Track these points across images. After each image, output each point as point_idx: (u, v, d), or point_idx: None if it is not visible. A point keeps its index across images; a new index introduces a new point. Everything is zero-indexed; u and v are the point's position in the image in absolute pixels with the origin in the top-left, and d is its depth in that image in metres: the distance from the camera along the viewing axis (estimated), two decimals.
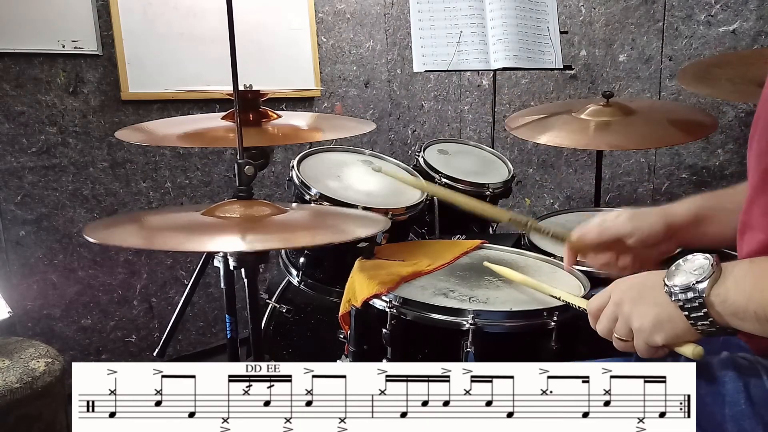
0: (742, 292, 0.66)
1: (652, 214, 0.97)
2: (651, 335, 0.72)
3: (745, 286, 0.67)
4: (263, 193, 2.64)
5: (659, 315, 0.72)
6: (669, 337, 0.72)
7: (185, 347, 2.52)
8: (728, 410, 0.71)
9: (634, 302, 0.75)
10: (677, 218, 0.95)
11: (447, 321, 1.04)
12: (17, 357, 1.50)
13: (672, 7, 2.09)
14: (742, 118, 1.99)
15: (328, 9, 2.80)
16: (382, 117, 3.12)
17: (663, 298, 0.71)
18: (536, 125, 1.79)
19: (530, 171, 2.62)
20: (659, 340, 0.72)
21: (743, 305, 0.66)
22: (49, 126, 2.09)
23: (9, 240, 2.05)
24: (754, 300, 0.66)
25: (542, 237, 1.05)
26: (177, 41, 2.31)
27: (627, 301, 0.76)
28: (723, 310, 0.67)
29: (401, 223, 1.51)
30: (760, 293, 0.65)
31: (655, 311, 0.72)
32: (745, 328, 0.67)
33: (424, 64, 2.04)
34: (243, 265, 1.18)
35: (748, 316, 0.66)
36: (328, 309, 1.41)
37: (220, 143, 1.82)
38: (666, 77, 2.15)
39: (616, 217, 0.98)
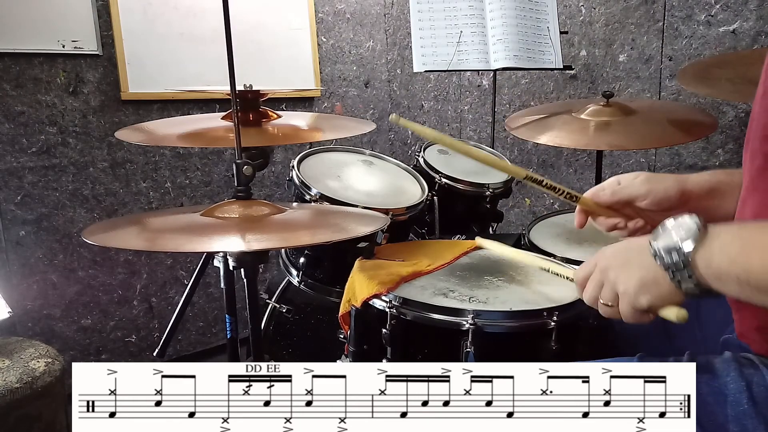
0: (727, 256, 0.66)
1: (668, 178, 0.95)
2: (636, 297, 0.73)
3: (730, 250, 0.66)
4: (263, 193, 2.64)
5: (644, 277, 0.72)
6: (654, 298, 0.72)
7: (185, 347, 2.52)
8: (730, 410, 0.71)
9: (619, 267, 0.75)
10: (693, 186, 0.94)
11: (447, 321, 1.04)
12: (17, 357, 1.50)
13: (672, 7, 2.09)
14: (742, 118, 1.99)
15: (328, 9, 2.80)
16: (382, 117, 3.12)
17: (648, 260, 0.71)
18: (536, 125, 1.79)
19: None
20: (644, 302, 0.72)
21: (726, 269, 0.66)
22: (49, 126, 2.09)
23: (9, 240, 2.05)
24: (738, 263, 0.65)
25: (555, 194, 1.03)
26: (177, 41, 2.31)
27: (613, 266, 0.76)
28: (706, 273, 0.67)
29: (401, 223, 1.51)
30: (745, 258, 0.65)
31: (641, 273, 0.72)
32: (727, 291, 0.67)
33: (424, 64, 2.04)
34: (243, 265, 1.18)
35: (730, 279, 0.66)
36: (328, 309, 1.41)
37: (220, 143, 1.82)
38: (666, 77, 2.15)
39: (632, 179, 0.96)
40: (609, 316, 0.77)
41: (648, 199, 0.94)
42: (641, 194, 0.95)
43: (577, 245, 1.48)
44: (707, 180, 0.94)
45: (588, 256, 1.39)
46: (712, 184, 0.94)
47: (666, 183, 0.94)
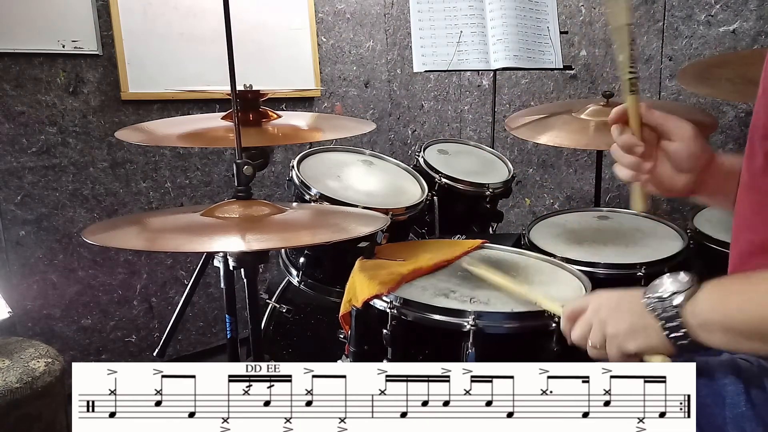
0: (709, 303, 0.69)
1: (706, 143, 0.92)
2: (624, 342, 0.74)
3: (712, 298, 0.69)
4: (263, 193, 2.64)
5: (635, 323, 0.73)
6: (642, 345, 0.73)
7: (185, 347, 2.52)
8: (729, 413, 0.71)
9: (611, 310, 0.77)
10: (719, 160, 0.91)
11: (448, 322, 1.04)
12: (17, 357, 1.50)
13: (672, 7, 2.09)
14: (742, 118, 1.99)
15: (328, 9, 2.80)
16: (382, 117, 3.12)
17: (639, 307, 0.73)
18: (536, 125, 1.79)
19: (530, 171, 2.62)
20: (632, 347, 0.73)
21: (709, 316, 0.68)
22: (49, 126, 2.09)
23: (9, 240, 2.05)
24: (718, 311, 0.68)
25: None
26: (177, 41, 2.31)
27: (604, 308, 0.77)
28: (693, 321, 0.69)
29: (401, 223, 1.51)
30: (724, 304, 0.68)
31: (631, 319, 0.74)
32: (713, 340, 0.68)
33: (424, 64, 2.04)
34: (243, 265, 1.18)
35: (714, 327, 0.68)
36: (328, 309, 1.41)
37: (220, 143, 1.82)
38: (666, 77, 2.15)
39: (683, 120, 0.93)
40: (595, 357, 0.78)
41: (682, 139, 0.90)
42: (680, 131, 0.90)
43: (577, 245, 1.48)
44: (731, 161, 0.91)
45: (588, 256, 1.40)
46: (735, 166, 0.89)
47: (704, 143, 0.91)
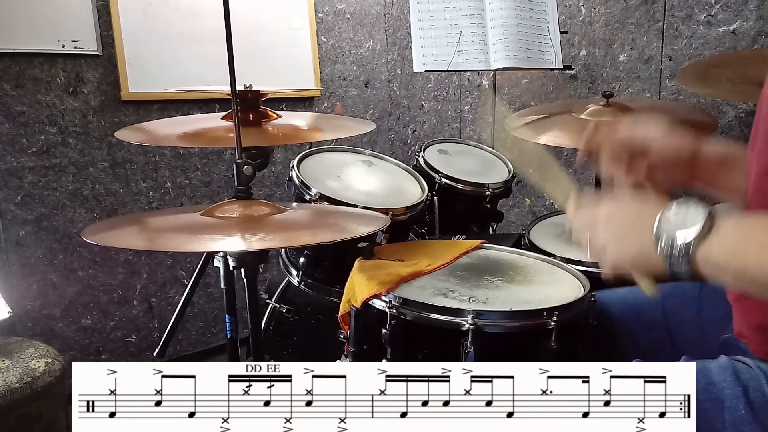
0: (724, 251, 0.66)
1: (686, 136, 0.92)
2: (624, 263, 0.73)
3: (728, 245, 0.66)
4: (263, 193, 2.64)
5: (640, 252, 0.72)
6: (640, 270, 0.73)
7: (185, 347, 2.52)
8: (728, 416, 0.71)
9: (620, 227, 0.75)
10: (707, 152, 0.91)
11: (447, 321, 1.04)
12: (17, 357, 1.50)
13: (672, 7, 2.09)
14: (742, 118, 1.99)
15: (328, 9, 2.80)
16: (382, 117, 3.12)
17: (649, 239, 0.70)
18: (536, 125, 1.79)
19: (530, 171, 2.61)
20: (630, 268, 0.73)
21: (724, 263, 0.66)
22: (49, 126, 2.09)
23: (9, 240, 2.05)
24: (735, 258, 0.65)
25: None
26: (177, 41, 2.31)
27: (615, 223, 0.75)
28: (704, 267, 0.67)
29: (401, 223, 1.51)
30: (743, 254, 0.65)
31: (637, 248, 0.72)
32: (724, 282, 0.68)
33: (424, 64, 2.04)
34: (243, 265, 1.17)
35: (728, 273, 0.66)
36: (328, 309, 1.41)
37: (220, 143, 1.82)
38: (666, 77, 2.15)
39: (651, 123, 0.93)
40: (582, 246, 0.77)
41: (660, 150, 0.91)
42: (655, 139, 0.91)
43: (577, 245, 1.48)
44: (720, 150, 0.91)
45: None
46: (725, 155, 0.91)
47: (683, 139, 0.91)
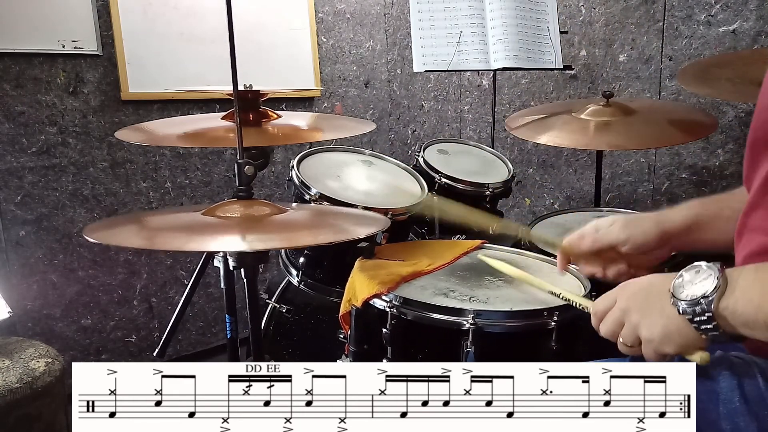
0: (750, 302, 0.66)
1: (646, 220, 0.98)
2: (661, 346, 0.73)
3: (752, 296, 0.66)
4: (263, 193, 2.64)
5: (668, 327, 0.72)
6: (679, 347, 0.72)
7: (185, 347, 2.52)
8: (723, 408, 0.72)
9: (641, 311, 0.75)
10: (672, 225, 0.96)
11: (447, 321, 1.04)
12: (17, 357, 1.50)
13: (672, 7, 2.09)
14: (742, 118, 1.99)
15: (328, 9, 2.80)
16: (382, 117, 3.12)
17: (670, 309, 0.71)
18: (536, 125, 1.79)
19: (530, 171, 2.62)
20: (669, 350, 0.73)
21: (753, 316, 0.66)
22: (49, 126, 2.09)
23: (9, 240, 2.05)
24: (764, 309, 0.65)
25: (536, 242, 1.08)
26: (177, 41, 2.31)
27: (634, 309, 0.76)
28: (733, 321, 0.67)
29: (401, 223, 1.51)
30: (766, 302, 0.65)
31: (664, 323, 0.72)
32: (757, 336, 0.67)
33: (424, 64, 2.04)
34: (243, 265, 1.18)
35: (758, 325, 0.66)
36: (328, 309, 1.41)
37: (220, 143, 1.82)
38: (666, 77, 2.15)
39: (609, 225, 0.99)
40: (629, 354, 0.77)
41: (629, 244, 0.97)
42: (621, 240, 0.98)
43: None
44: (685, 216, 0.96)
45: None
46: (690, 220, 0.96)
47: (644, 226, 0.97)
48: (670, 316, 0.71)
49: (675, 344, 0.72)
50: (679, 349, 0.72)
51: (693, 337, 0.70)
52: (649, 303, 0.74)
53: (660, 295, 0.73)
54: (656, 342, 0.73)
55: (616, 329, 0.78)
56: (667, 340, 0.72)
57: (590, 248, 1.01)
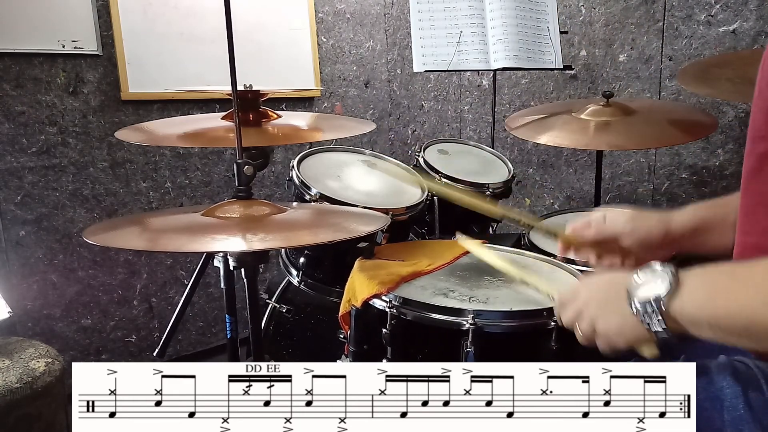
0: (695, 304, 0.69)
1: (652, 218, 0.98)
2: (614, 339, 0.77)
3: (697, 297, 0.69)
4: (263, 193, 2.64)
5: (622, 325, 0.75)
6: (630, 342, 0.76)
7: (185, 347, 2.52)
8: (727, 415, 0.71)
9: (599, 306, 0.79)
10: (677, 226, 0.97)
11: (447, 321, 1.04)
12: (17, 357, 1.50)
13: (672, 7, 2.09)
14: (742, 118, 1.99)
15: (328, 9, 2.80)
16: (382, 117, 3.12)
17: (626, 308, 0.74)
18: (536, 125, 1.79)
19: (530, 171, 2.62)
20: (621, 344, 0.76)
21: (697, 317, 0.69)
22: (49, 126, 2.09)
23: (9, 240, 2.05)
24: (705, 310, 0.68)
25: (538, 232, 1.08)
26: (177, 41, 2.31)
27: (593, 303, 0.80)
28: (682, 320, 0.70)
29: (401, 223, 1.51)
30: (711, 304, 0.68)
31: (618, 320, 0.76)
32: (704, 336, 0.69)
33: (424, 64, 2.04)
34: (243, 265, 1.18)
35: (703, 325, 0.68)
36: (328, 309, 1.41)
37: (220, 143, 1.82)
38: (666, 77, 2.15)
39: (616, 216, 1.00)
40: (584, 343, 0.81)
41: (632, 237, 0.98)
42: (625, 233, 0.99)
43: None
44: (690, 219, 0.97)
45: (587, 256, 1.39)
46: (696, 223, 0.97)
47: (650, 223, 0.98)
48: (624, 314, 0.74)
49: (627, 340, 0.76)
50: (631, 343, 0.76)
51: (644, 335, 0.73)
52: (608, 299, 0.78)
53: (618, 293, 0.76)
54: (610, 336, 0.77)
55: (575, 319, 0.82)
56: (620, 336, 0.76)
57: (593, 237, 1.02)
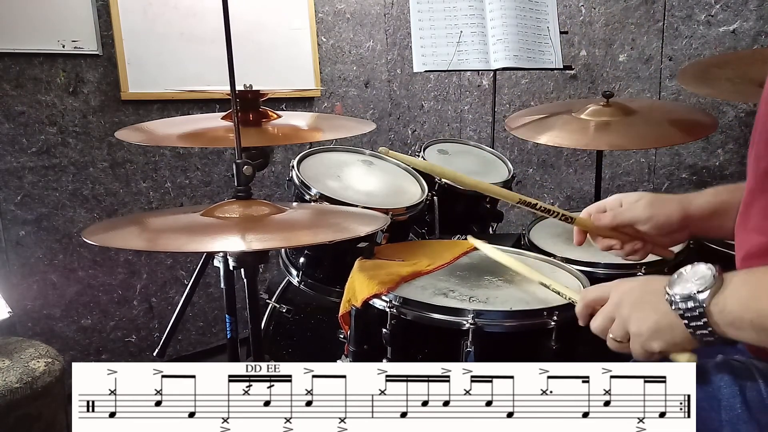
0: (739, 302, 0.66)
1: (671, 201, 0.96)
2: (648, 341, 0.72)
3: (741, 295, 0.67)
4: (263, 193, 2.64)
5: (659, 322, 0.71)
6: (667, 344, 0.72)
7: (185, 347, 2.52)
8: (724, 414, 0.71)
9: (633, 306, 0.74)
10: (695, 210, 0.95)
11: (447, 321, 1.04)
12: (17, 357, 1.50)
13: (672, 7, 2.09)
14: (742, 118, 1.99)
15: (328, 9, 2.80)
16: (382, 117, 3.12)
17: (663, 305, 0.71)
18: (536, 125, 1.79)
19: (530, 171, 2.62)
20: (656, 346, 0.72)
21: (740, 314, 0.66)
22: (49, 126, 2.09)
23: (9, 240, 2.05)
24: (751, 309, 0.65)
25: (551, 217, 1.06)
26: (177, 41, 2.31)
27: (626, 304, 0.75)
28: (721, 320, 0.67)
29: (401, 223, 1.51)
30: (756, 302, 0.65)
31: (655, 318, 0.72)
32: (742, 337, 0.67)
33: (424, 64, 2.04)
34: (243, 265, 1.18)
35: (744, 325, 0.66)
36: (328, 309, 1.41)
37: (220, 143, 1.82)
38: (666, 77, 2.15)
39: (635, 201, 0.98)
40: (616, 350, 0.77)
41: (650, 223, 0.96)
42: (643, 218, 0.96)
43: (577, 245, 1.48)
44: (710, 202, 0.95)
45: (587, 256, 1.40)
46: (715, 206, 0.94)
47: (669, 208, 0.96)
48: (662, 311, 0.71)
49: (663, 341, 0.71)
50: (667, 347, 0.72)
51: (682, 336, 0.70)
52: (643, 298, 0.74)
53: (654, 293, 0.73)
54: (644, 337, 0.72)
55: (606, 324, 0.78)
56: (656, 336, 0.72)
57: (610, 223, 0.99)
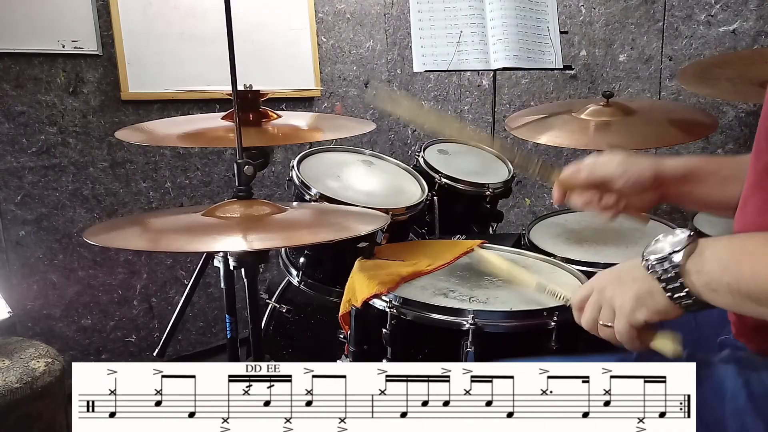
0: (719, 263, 0.67)
1: (644, 161, 0.99)
2: (633, 313, 0.73)
3: (722, 257, 0.67)
4: (263, 193, 2.64)
5: (639, 290, 0.72)
6: (650, 312, 0.72)
7: (185, 347, 2.52)
8: (729, 406, 0.71)
9: (614, 283, 0.76)
10: (668, 170, 0.98)
11: (447, 321, 1.04)
12: (17, 357, 1.50)
13: (672, 7, 2.09)
14: (742, 118, 1.99)
15: (328, 9, 2.80)
16: (382, 117, 3.11)
17: (641, 272, 0.72)
18: (536, 125, 1.79)
19: None
20: (641, 316, 0.72)
21: (718, 276, 0.66)
22: (49, 126, 2.09)
23: (9, 240, 2.05)
24: (730, 270, 0.66)
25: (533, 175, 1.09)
26: (177, 41, 2.31)
27: (608, 285, 0.77)
28: (698, 281, 0.68)
29: (401, 223, 1.51)
30: (736, 265, 0.66)
31: (635, 287, 0.73)
32: (718, 301, 0.68)
33: (424, 64, 2.04)
34: (243, 265, 1.18)
35: (721, 287, 0.66)
36: (328, 309, 1.41)
37: (220, 143, 1.82)
38: (666, 77, 2.15)
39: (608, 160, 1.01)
40: (608, 338, 0.78)
41: (622, 180, 0.98)
42: (616, 174, 0.99)
43: (577, 245, 1.48)
44: (683, 165, 0.97)
45: (588, 256, 1.40)
46: (687, 169, 0.97)
47: (641, 165, 0.98)
48: (640, 279, 0.72)
49: (647, 309, 0.72)
50: (651, 315, 0.72)
51: (664, 302, 0.70)
52: (621, 274, 0.76)
53: (633, 266, 0.74)
54: (627, 309, 0.73)
55: (594, 314, 0.78)
56: (639, 304, 0.72)
57: (585, 180, 1.02)
